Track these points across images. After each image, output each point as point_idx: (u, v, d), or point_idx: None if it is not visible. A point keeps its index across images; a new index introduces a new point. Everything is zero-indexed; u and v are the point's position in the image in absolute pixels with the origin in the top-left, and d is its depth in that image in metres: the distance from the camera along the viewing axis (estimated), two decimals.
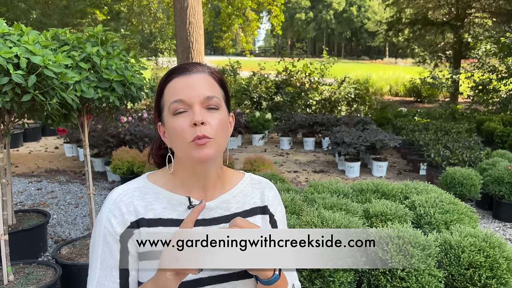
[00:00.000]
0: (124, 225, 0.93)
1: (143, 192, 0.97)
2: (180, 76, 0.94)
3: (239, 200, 1.04)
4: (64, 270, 2.82)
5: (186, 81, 0.93)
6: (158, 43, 19.08)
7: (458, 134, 7.11)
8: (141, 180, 1.01)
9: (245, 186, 1.07)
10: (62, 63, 2.32)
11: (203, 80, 0.94)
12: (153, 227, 0.94)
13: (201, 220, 0.97)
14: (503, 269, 2.14)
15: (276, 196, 1.11)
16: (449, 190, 4.29)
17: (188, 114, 0.91)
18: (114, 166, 5.23)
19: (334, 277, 2.15)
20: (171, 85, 0.94)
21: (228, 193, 1.03)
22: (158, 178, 1.01)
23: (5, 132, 2.58)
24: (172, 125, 0.92)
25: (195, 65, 0.97)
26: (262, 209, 1.06)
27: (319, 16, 63.16)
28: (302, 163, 7.05)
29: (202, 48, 6.60)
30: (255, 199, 1.06)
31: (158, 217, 0.95)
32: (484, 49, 9.80)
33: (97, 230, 0.95)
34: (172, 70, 0.96)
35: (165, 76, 0.97)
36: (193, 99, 0.91)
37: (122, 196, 0.96)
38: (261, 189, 1.09)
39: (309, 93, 10.38)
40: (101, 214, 0.95)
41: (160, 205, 0.96)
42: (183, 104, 0.91)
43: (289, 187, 3.45)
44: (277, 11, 11.27)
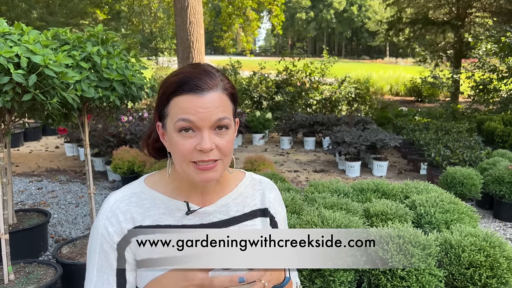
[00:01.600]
0: (121, 234, 0.92)
1: (140, 198, 0.95)
2: (190, 95, 0.85)
3: (238, 203, 1.02)
4: (64, 269, 2.82)
5: (198, 102, 0.84)
6: (158, 43, 19.10)
7: (458, 133, 7.11)
8: (138, 184, 0.98)
9: (245, 188, 1.05)
10: (63, 62, 2.32)
11: (215, 100, 0.86)
12: (151, 234, 0.92)
13: (199, 226, 0.96)
14: (504, 268, 2.15)
15: (277, 197, 1.09)
16: (449, 189, 4.29)
17: (196, 136, 0.85)
18: (114, 166, 5.24)
19: (334, 277, 2.15)
20: (179, 100, 0.86)
21: (227, 196, 1.01)
22: (155, 182, 0.98)
23: (6, 132, 2.58)
24: (176, 141, 0.87)
25: (207, 80, 0.87)
26: (262, 212, 1.04)
27: (319, 16, 63.16)
28: (302, 163, 7.05)
29: (203, 47, 6.61)
30: (255, 201, 1.04)
31: (156, 223, 0.94)
32: (484, 49, 9.79)
33: (94, 236, 0.94)
34: (182, 83, 0.86)
35: (174, 87, 0.87)
36: (203, 123, 0.84)
37: (119, 203, 0.94)
38: (261, 190, 1.06)
39: (309, 92, 10.37)
40: (97, 221, 0.94)
41: (157, 210, 0.95)
42: (191, 125, 0.85)
43: (289, 186, 3.45)
44: (278, 10, 11.27)
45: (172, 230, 0.93)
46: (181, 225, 0.95)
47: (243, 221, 1.01)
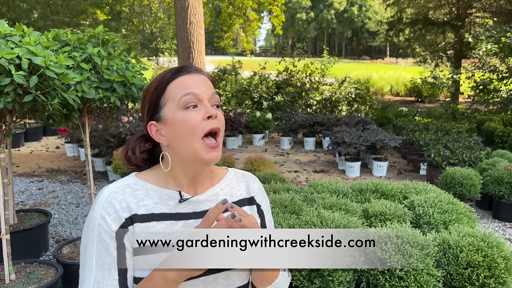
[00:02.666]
0: (119, 222, 0.94)
1: (133, 189, 0.98)
2: (188, 74, 0.98)
3: (226, 192, 1.07)
4: (65, 269, 2.83)
5: (196, 79, 0.98)
6: (159, 43, 19.12)
7: (458, 134, 7.12)
8: (130, 178, 1.02)
9: (231, 180, 1.11)
10: (64, 63, 2.33)
11: (207, 81, 1.01)
12: (147, 222, 0.95)
13: (193, 213, 0.99)
14: (501, 268, 2.16)
15: (260, 188, 1.15)
16: (449, 190, 4.30)
17: (200, 108, 0.95)
18: (115, 166, 5.25)
19: (333, 277, 2.16)
20: (178, 81, 0.97)
21: (216, 186, 1.06)
22: (147, 176, 1.02)
23: (7, 132, 2.59)
24: (183, 118, 0.94)
25: (196, 68, 1.03)
26: (249, 200, 1.10)
27: (320, 16, 63.11)
28: (302, 163, 7.07)
29: (203, 48, 6.62)
30: (241, 191, 1.10)
31: (151, 212, 0.96)
32: (484, 49, 9.79)
33: (90, 229, 0.94)
34: (179, 69, 1.00)
35: (171, 74, 0.98)
36: (204, 94, 0.96)
37: (114, 193, 0.96)
38: (246, 182, 1.13)
39: (309, 93, 10.38)
40: (93, 213, 0.95)
41: (151, 200, 0.98)
42: (195, 98, 0.95)
43: (289, 187, 3.47)
44: (278, 11, 11.27)
45: (167, 217, 0.97)
46: (175, 213, 0.98)
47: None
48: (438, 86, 11.70)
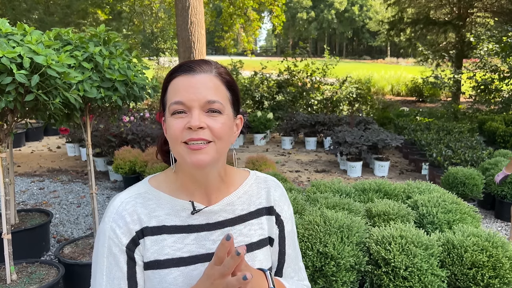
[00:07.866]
0: (130, 235, 0.91)
1: (145, 198, 0.95)
2: (183, 75, 0.89)
3: (244, 201, 1.01)
4: (66, 269, 2.82)
5: (189, 82, 0.88)
6: (159, 43, 19.11)
7: (460, 133, 7.10)
8: (143, 185, 0.98)
9: (250, 186, 1.03)
10: (65, 62, 2.32)
11: (207, 82, 0.89)
12: (157, 235, 0.92)
13: (205, 225, 0.95)
14: (506, 268, 2.14)
15: (282, 194, 1.07)
16: (451, 189, 4.28)
17: (187, 116, 0.87)
18: (116, 166, 5.24)
19: (337, 277, 2.15)
20: (173, 83, 0.90)
21: (233, 195, 1.00)
22: (160, 182, 0.98)
23: (8, 132, 2.58)
24: (169, 124, 0.89)
25: (201, 63, 0.91)
26: (268, 210, 1.04)
27: (320, 16, 63.10)
28: (304, 163, 7.05)
29: (204, 47, 6.61)
30: (260, 199, 1.03)
31: (162, 224, 0.93)
32: (486, 49, 9.77)
33: (100, 241, 0.92)
34: (177, 67, 0.92)
35: (170, 73, 0.93)
36: (192, 102, 0.87)
37: (125, 204, 0.93)
38: (266, 189, 1.05)
39: (310, 92, 10.37)
40: (104, 224, 0.92)
41: (163, 211, 0.94)
42: (182, 106, 0.87)
43: (291, 186, 3.45)
44: (278, 11, 11.26)
45: (178, 230, 0.93)
46: (187, 225, 0.94)
47: (249, 220, 1.00)
48: (439, 86, 11.68)
